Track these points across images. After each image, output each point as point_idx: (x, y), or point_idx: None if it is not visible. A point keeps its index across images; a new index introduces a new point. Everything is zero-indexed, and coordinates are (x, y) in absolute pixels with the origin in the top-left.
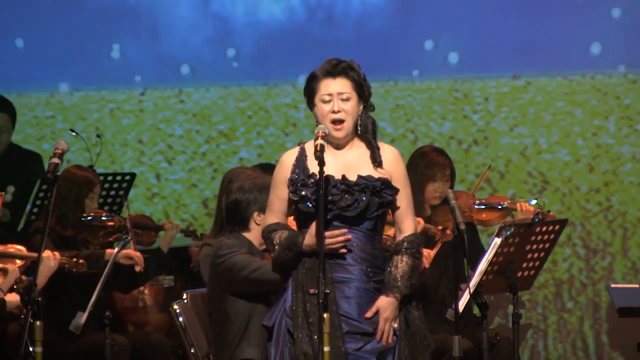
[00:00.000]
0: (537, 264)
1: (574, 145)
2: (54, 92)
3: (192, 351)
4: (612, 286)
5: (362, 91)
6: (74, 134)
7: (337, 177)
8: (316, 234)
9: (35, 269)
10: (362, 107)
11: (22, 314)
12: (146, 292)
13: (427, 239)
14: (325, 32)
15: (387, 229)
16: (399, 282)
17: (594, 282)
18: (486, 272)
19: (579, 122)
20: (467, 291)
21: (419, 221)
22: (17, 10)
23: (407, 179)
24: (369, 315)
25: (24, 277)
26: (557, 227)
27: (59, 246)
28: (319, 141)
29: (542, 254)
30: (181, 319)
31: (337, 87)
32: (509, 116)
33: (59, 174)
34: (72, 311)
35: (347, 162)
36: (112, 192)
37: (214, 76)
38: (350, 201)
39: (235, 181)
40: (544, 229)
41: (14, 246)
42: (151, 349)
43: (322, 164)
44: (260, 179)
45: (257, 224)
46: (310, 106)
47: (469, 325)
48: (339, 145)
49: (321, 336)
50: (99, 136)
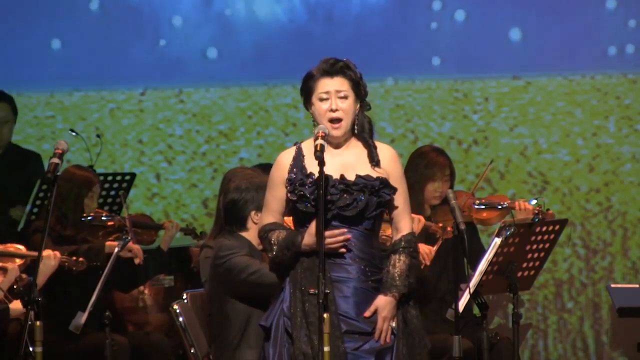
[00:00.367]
0: (537, 264)
1: (574, 145)
2: (54, 92)
3: (192, 351)
4: (612, 286)
5: (359, 90)
6: (74, 134)
7: (336, 177)
8: (316, 234)
9: (35, 268)
10: (358, 106)
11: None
12: (146, 292)
13: (427, 236)
14: (325, 32)
15: (386, 228)
16: (397, 282)
17: (594, 282)
18: (486, 272)
19: (579, 122)
20: (467, 291)
21: (420, 219)
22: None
23: (403, 178)
24: (367, 314)
25: (24, 276)
26: (557, 227)
27: (58, 245)
28: (319, 141)
29: (542, 254)
30: (181, 319)
31: (335, 85)
32: (509, 116)
33: (59, 173)
34: (72, 311)
35: (345, 161)
36: (112, 192)
37: (214, 76)
38: (349, 201)
39: (232, 181)
40: (544, 229)
41: (13, 245)
42: (151, 349)
43: (322, 163)
44: (257, 178)
45: (255, 223)
46: (306, 106)
47: (469, 325)
48: (337, 144)
49: (321, 336)
50: (99, 136)
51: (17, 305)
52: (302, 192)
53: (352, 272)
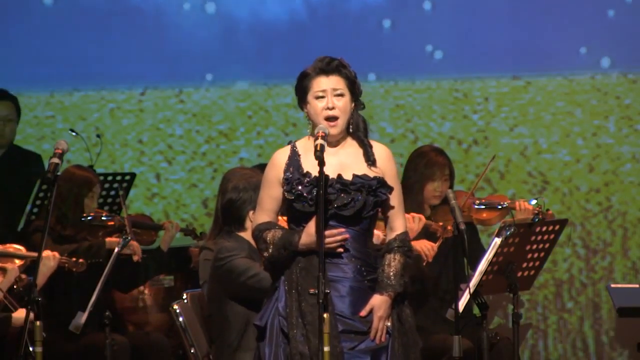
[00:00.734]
0: (537, 264)
1: (574, 145)
2: (54, 92)
3: (192, 351)
4: (612, 286)
5: (355, 89)
6: (74, 134)
7: (333, 176)
8: (316, 234)
9: (35, 268)
10: (353, 105)
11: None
12: (146, 292)
13: (428, 235)
14: (326, 32)
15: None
16: (393, 281)
17: (594, 282)
18: (486, 272)
19: (579, 122)
20: (467, 291)
21: (420, 218)
22: None
23: (398, 177)
24: (363, 314)
25: (23, 276)
26: (557, 227)
27: (59, 244)
28: (320, 141)
29: (542, 254)
30: (181, 319)
31: (331, 83)
32: (509, 116)
33: (59, 173)
34: (72, 311)
35: (342, 160)
36: (112, 192)
37: (214, 76)
38: (346, 200)
39: (230, 181)
40: (544, 229)
41: (12, 246)
42: (151, 349)
43: (322, 163)
44: (254, 178)
45: None
46: (301, 105)
47: (469, 325)
48: (333, 143)
49: (321, 336)
50: (99, 136)
51: (20, 314)
52: (299, 192)
53: (348, 271)
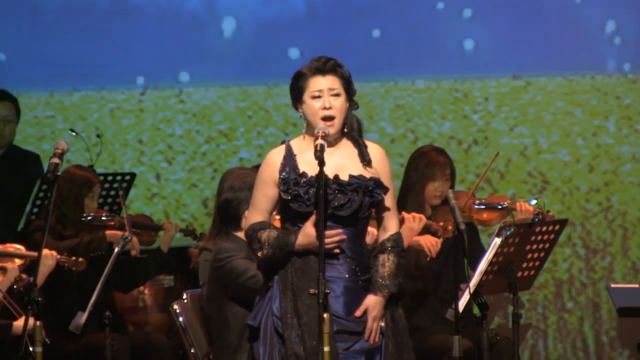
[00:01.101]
0: (537, 264)
1: (574, 145)
2: (54, 92)
3: (192, 351)
4: (612, 286)
5: (350, 88)
6: (74, 134)
7: (330, 177)
8: (316, 234)
9: (35, 268)
10: (347, 105)
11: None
12: (146, 292)
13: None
14: (326, 32)
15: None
16: (387, 281)
17: (594, 282)
18: (486, 272)
19: (579, 122)
20: (467, 291)
21: (421, 218)
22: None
23: (392, 177)
24: (358, 314)
25: (24, 276)
26: (557, 227)
27: (60, 241)
28: (320, 141)
29: (542, 254)
30: (181, 319)
31: (327, 83)
32: (509, 116)
33: (59, 173)
34: (72, 311)
35: (338, 161)
36: (112, 192)
37: (214, 76)
38: (343, 201)
39: (226, 180)
40: (544, 229)
41: (12, 245)
42: (151, 349)
43: (322, 163)
44: (250, 177)
45: None
46: (296, 105)
47: (469, 325)
48: (329, 143)
49: (321, 336)
50: (99, 136)
51: (21, 322)
52: (296, 192)
53: (342, 271)
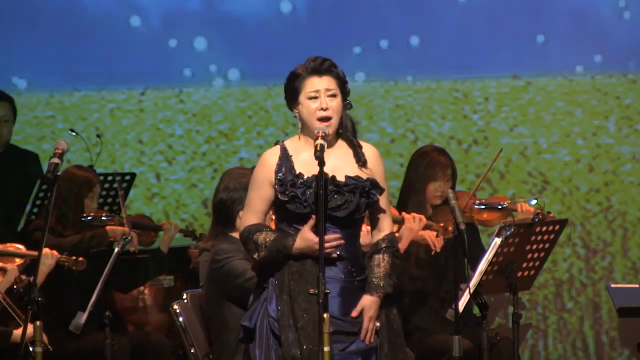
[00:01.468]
0: (537, 264)
1: (574, 145)
2: (54, 92)
3: (192, 351)
4: (612, 286)
5: (345, 89)
6: (74, 134)
7: (326, 178)
8: (315, 237)
9: (35, 267)
10: (342, 105)
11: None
12: (146, 292)
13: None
14: (326, 32)
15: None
16: (383, 282)
17: (594, 282)
18: (486, 272)
19: (579, 122)
20: (467, 291)
21: (421, 218)
22: None
23: (386, 177)
24: (354, 314)
25: (23, 277)
26: (557, 227)
27: (62, 238)
28: (320, 141)
29: (542, 254)
30: (181, 319)
31: (324, 84)
32: (509, 116)
33: (59, 174)
34: (72, 311)
35: (333, 162)
36: (112, 192)
37: (214, 76)
38: (340, 202)
39: (222, 181)
40: (544, 229)
41: (13, 245)
42: (151, 349)
43: (322, 163)
44: (246, 177)
45: None
46: (291, 105)
47: (469, 325)
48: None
49: (321, 336)
50: (99, 136)
51: (21, 331)
52: (294, 193)
53: (339, 272)
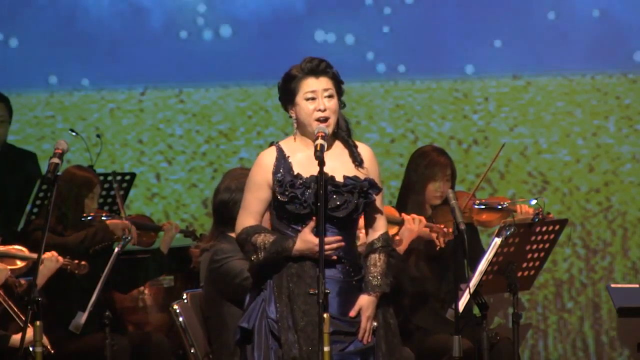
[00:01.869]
0: (537, 264)
1: (574, 145)
2: (54, 92)
3: (192, 351)
4: (612, 286)
5: (340, 89)
6: (74, 134)
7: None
8: (315, 239)
9: (35, 268)
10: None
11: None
12: (146, 292)
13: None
14: (326, 32)
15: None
16: (380, 281)
17: (594, 282)
18: (486, 272)
19: (579, 122)
20: (467, 291)
21: (421, 219)
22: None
23: (380, 177)
24: (353, 314)
25: (22, 281)
26: (557, 227)
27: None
28: (320, 141)
29: (542, 254)
30: (181, 319)
31: (321, 85)
32: (509, 116)
33: (59, 173)
34: (72, 311)
35: (330, 162)
36: (112, 192)
37: (214, 76)
38: (339, 202)
39: (223, 181)
40: (544, 229)
41: (15, 247)
42: (151, 349)
43: (322, 163)
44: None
45: None
46: (286, 106)
47: (469, 325)
48: None
49: (321, 336)
50: (99, 136)
51: (19, 336)
52: (294, 194)
53: (337, 272)
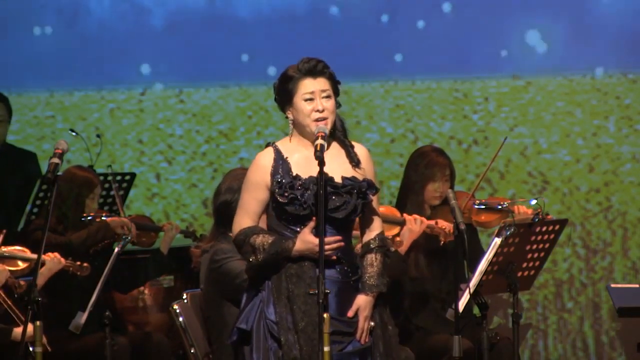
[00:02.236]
0: (537, 264)
1: (574, 145)
2: (54, 92)
3: (192, 351)
4: (612, 286)
5: (337, 89)
6: (74, 134)
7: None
8: (315, 239)
9: (35, 268)
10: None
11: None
12: (146, 292)
13: (428, 237)
14: (326, 32)
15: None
16: (377, 281)
17: (594, 282)
18: (486, 272)
19: (579, 122)
20: (467, 291)
21: (422, 220)
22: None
23: (376, 177)
24: (351, 314)
25: (22, 282)
26: (557, 227)
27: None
28: (320, 141)
29: (542, 254)
30: (181, 319)
31: (319, 85)
32: (509, 116)
33: (59, 174)
34: (72, 311)
35: (328, 163)
36: (112, 192)
37: (214, 76)
38: (338, 203)
39: (224, 182)
40: (544, 229)
41: (16, 248)
42: (151, 349)
43: (322, 163)
44: None
45: None
46: (283, 107)
47: (469, 325)
48: None
49: (321, 336)
50: (99, 136)
51: (21, 329)
52: (293, 195)
53: (335, 273)
